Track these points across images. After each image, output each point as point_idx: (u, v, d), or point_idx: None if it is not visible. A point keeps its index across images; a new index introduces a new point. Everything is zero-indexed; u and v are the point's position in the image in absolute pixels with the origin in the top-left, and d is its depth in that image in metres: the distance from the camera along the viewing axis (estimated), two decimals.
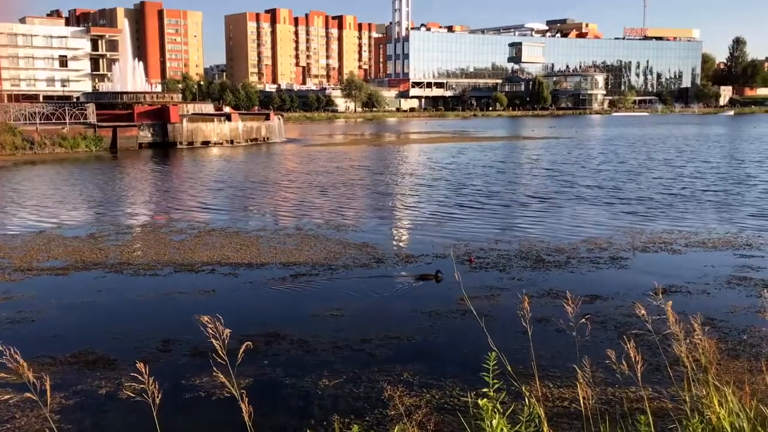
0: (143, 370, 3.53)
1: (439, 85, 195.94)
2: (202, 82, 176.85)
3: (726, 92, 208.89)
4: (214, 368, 4.18)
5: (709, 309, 11.37)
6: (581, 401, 4.45)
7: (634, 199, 25.42)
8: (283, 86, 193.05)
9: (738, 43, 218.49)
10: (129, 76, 70.91)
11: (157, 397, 3.69)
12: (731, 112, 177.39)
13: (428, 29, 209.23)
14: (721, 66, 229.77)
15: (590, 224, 20.38)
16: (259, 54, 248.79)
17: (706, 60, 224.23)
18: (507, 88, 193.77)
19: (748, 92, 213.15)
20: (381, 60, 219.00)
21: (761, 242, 17.26)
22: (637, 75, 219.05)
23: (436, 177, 34.33)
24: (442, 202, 25.60)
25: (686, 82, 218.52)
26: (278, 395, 8.42)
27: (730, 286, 13.10)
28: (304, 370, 9.05)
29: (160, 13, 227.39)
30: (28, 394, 3.54)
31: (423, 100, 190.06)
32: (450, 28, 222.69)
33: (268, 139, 63.95)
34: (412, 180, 33.46)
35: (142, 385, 3.78)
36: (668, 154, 48.23)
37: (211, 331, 3.71)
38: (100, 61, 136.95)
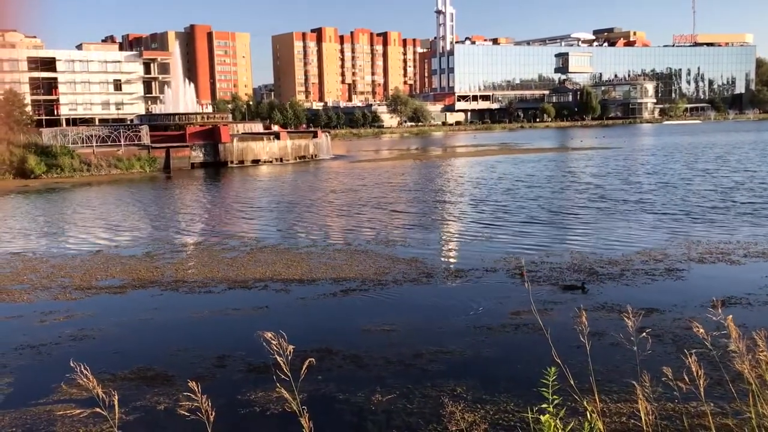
0: (196, 388, 3.63)
1: (485, 98, 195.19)
2: (251, 102, 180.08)
3: None
4: (277, 384, 4.25)
5: None
6: (642, 416, 4.37)
7: (689, 210, 24.82)
8: (330, 104, 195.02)
9: None
10: (180, 98, 72.69)
11: (211, 414, 3.79)
12: None
13: (473, 42, 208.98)
14: None
15: (643, 235, 19.97)
16: (305, 72, 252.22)
17: (760, 65, 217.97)
18: (554, 99, 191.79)
19: None
20: (426, 75, 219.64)
21: None
22: (688, 82, 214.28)
23: (483, 190, 34.15)
24: (490, 214, 25.43)
25: (740, 88, 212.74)
26: (332, 411, 8.47)
27: None
28: (358, 386, 9.09)
29: (210, 35, 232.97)
30: (97, 409, 3.66)
31: (469, 113, 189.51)
32: (495, 41, 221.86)
33: (315, 156, 64.63)
34: (458, 193, 33.35)
35: (196, 403, 3.87)
36: (721, 163, 46.96)
37: (275, 348, 3.78)
38: (153, 83, 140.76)
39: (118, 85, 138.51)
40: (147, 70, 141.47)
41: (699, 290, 13.31)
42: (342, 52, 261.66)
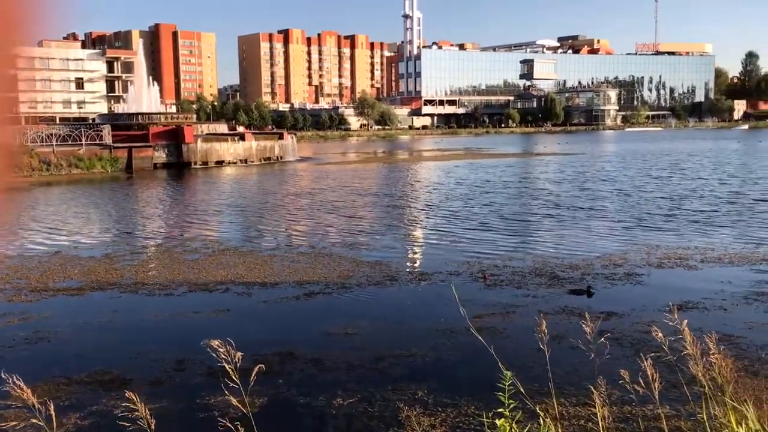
0: (134, 397, 3.58)
1: (452, 103, 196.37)
2: (216, 103, 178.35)
3: (740, 106, 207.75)
4: (226, 392, 4.18)
5: (727, 325, 11.27)
6: (599, 421, 4.41)
7: (648, 215, 25.27)
8: (296, 105, 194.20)
9: (751, 57, 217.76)
10: (144, 98, 71.66)
11: (152, 424, 3.75)
12: (745, 126, 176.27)
13: (440, 47, 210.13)
14: (735, 80, 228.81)
15: (604, 240, 20.27)
16: (272, 74, 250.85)
17: (719, 74, 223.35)
18: (519, 105, 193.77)
19: (762, 106, 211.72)
20: (393, 78, 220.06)
21: None
22: (650, 90, 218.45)
23: (447, 194, 34.31)
24: (454, 219, 25.56)
25: (699, 97, 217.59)
26: (292, 415, 8.40)
27: (747, 301, 12.97)
28: (319, 390, 9.03)
29: (175, 34, 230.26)
30: (34, 420, 3.56)
31: (435, 117, 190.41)
32: (461, 46, 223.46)
33: (281, 158, 64.27)
34: (424, 197, 33.46)
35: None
36: (680, 170, 47.96)
37: (223, 356, 3.73)
38: (116, 82, 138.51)
39: (80, 84, 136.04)
40: (110, 69, 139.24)
41: (658, 294, 13.53)
42: (309, 53, 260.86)
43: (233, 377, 3.70)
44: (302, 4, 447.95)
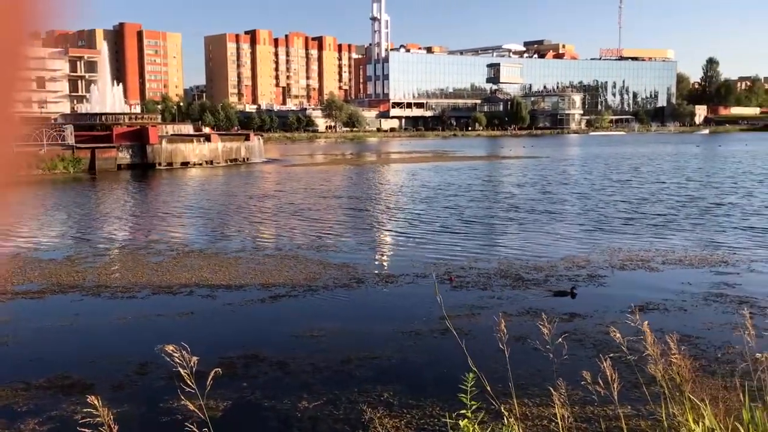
0: (96, 402, 3.52)
1: (419, 106, 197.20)
2: (181, 103, 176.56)
3: (701, 111, 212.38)
4: (182, 396, 4.14)
5: (686, 326, 11.50)
6: (559, 421, 4.47)
7: (610, 218, 25.66)
8: (263, 107, 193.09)
9: (711, 63, 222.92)
10: (108, 98, 70.55)
11: (114, 429, 3.70)
12: (706, 131, 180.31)
13: (407, 50, 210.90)
14: (696, 85, 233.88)
15: (568, 243, 20.53)
16: (239, 75, 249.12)
17: (681, 80, 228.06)
18: (486, 108, 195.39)
19: (722, 111, 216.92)
20: (361, 80, 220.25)
21: (736, 259, 17.47)
22: (614, 95, 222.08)
23: (415, 196, 34.43)
24: (421, 221, 25.65)
25: (662, 102, 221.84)
26: (257, 418, 8.34)
27: (707, 302, 13.24)
28: (284, 392, 8.98)
29: (140, 34, 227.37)
30: None
31: (403, 120, 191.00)
32: (429, 49, 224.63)
33: (247, 159, 63.82)
34: (391, 200, 33.52)
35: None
36: (641, 174, 48.83)
37: (178, 360, 3.69)
38: (79, 82, 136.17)
39: (41, 83, 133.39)
40: (73, 68, 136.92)
41: (620, 296, 13.75)
42: (276, 55, 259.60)
43: (189, 382, 3.66)
44: (270, 5, 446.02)
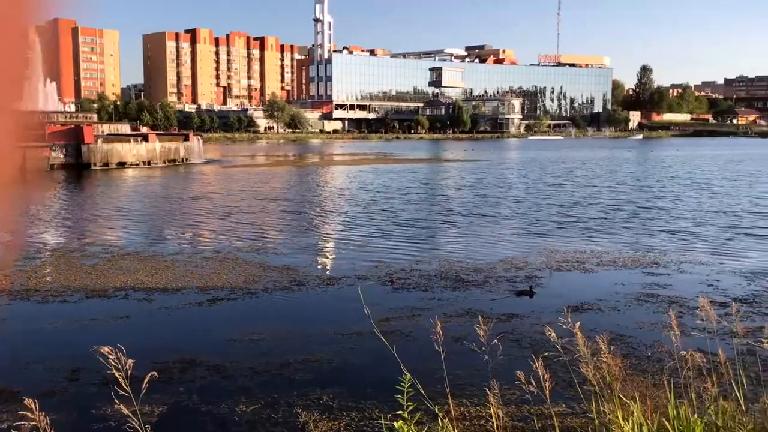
0: (34, 406, 3.40)
1: (362, 108, 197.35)
2: (118, 102, 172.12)
3: (635, 117, 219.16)
4: (116, 401, 4.03)
5: (619, 325, 11.85)
6: (494, 421, 4.53)
7: (546, 221, 26.22)
8: (204, 106, 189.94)
9: (645, 70, 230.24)
10: (40, 95, 68.22)
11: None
12: (640, 136, 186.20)
13: (351, 52, 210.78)
14: (630, 92, 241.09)
15: (507, 244, 20.88)
16: (178, 74, 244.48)
17: (616, 86, 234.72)
18: (428, 112, 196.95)
19: (655, 117, 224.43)
20: (304, 81, 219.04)
21: (667, 260, 18.09)
22: (552, 100, 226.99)
23: (357, 199, 34.44)
24: (363, 223, 25.68)
25: (598, 107, 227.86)
26: (193, 422, 8.19)
27: (639, 303, 13.66)
28: (221, 397, 8.85)
29: (75, 30, 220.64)
30: None
31: (346, 122, 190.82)
32: (372, 52, 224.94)
33: (186, 160, 62.72)
34: (334, 202, 33.45)
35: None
36: (576, 177, 50.09)
37: (113, 363, 3.59)
38: None
39: None
40: None
41: (557, 296, 14.05)
42: (217, 54, 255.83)
43: (124, 385, 3.57)
44: (211, 5, 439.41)
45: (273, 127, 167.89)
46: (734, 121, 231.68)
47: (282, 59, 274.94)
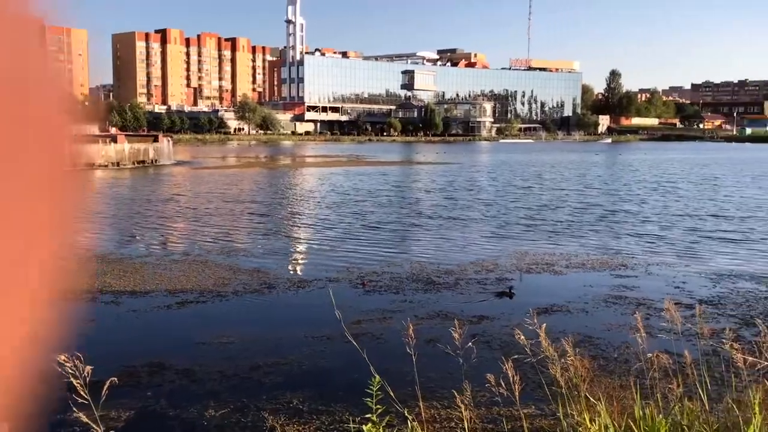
0: None
1: (335, 110, 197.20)
2: (87, 102, 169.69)
3: (604, 121, 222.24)
4: (74, 408, 3.96)
5: (588, 327, 11.97)
6: (465, 422, 4.54)
7: (516, 223, 26.42)
8: (174, 107, 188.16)
9: (614, 75, 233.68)
10: None
11: None
12: (609, 140, 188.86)
13: (323, 54, 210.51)
14: (600, 96, 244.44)
15: (478, 247, 20.99)
16: (148, 74, 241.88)
17: (585, 90, 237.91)
18: (401, 114, 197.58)
19: (624, 121, 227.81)
20: (276, 83, 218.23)
21: (635, 263, 18.33)
22: (523, 104, 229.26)
23: (329, 201, 34.37)
24: (334, 226, 25.63)
25: (568, 111, 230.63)
26: (161, 427, 8.08)
27: (607, 304, 13.82)
28: (190, 401, 8.74)
29: (40, 29, 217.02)
30: None
31: (318, 124, 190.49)
32: (344, 54, 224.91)
33: (156, 161, 62.10)
34: (305, 204, 33.33)
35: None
36: (545, 180, 50.61)
37: (69, 370, 3.53)
38: None
39: None
40: None
41: (527, 298, 14.14)
42: (188, 55, 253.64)
43: (82, 393, 3.50)
44: (182, 5, 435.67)
45: (244, 129, 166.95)
46: (701, 126, 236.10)
47: (254, 60, 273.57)
